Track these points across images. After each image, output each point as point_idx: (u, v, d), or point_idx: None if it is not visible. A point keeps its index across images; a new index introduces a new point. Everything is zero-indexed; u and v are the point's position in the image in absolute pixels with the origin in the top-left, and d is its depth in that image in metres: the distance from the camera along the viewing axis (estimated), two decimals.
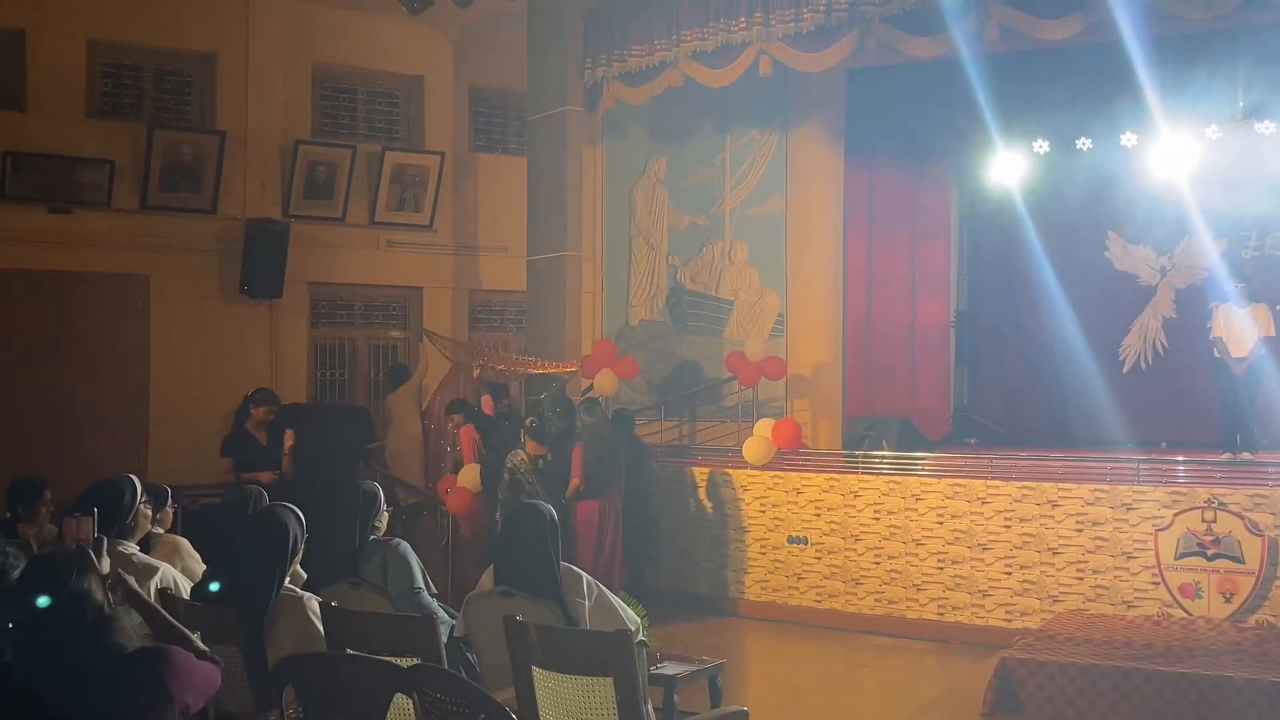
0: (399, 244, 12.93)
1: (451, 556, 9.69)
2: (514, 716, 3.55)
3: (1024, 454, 9.37)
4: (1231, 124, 10.20)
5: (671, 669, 5.44)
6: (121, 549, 4.75)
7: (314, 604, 4.33)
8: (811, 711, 7.20)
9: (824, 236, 11.87)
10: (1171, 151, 10.27)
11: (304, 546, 4.51)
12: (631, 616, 4.60)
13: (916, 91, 11.01)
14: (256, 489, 6.51)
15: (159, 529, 5.75)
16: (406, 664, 3.89)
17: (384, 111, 13.28)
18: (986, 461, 9.03)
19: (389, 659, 3.86)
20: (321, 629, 4.27)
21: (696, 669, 5.59)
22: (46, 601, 2.87)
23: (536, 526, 4.58)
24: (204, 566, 5.37)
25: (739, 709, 4.89)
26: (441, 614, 4.93)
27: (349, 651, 4.15)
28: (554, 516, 4.67)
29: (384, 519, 5.30)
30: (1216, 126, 10.44)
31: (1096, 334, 11.78)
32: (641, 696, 3.95)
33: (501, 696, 3.86)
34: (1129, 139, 11.20)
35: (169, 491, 6.01)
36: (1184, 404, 11.24)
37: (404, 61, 12.97)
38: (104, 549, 3.37)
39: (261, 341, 12.12)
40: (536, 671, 4.03)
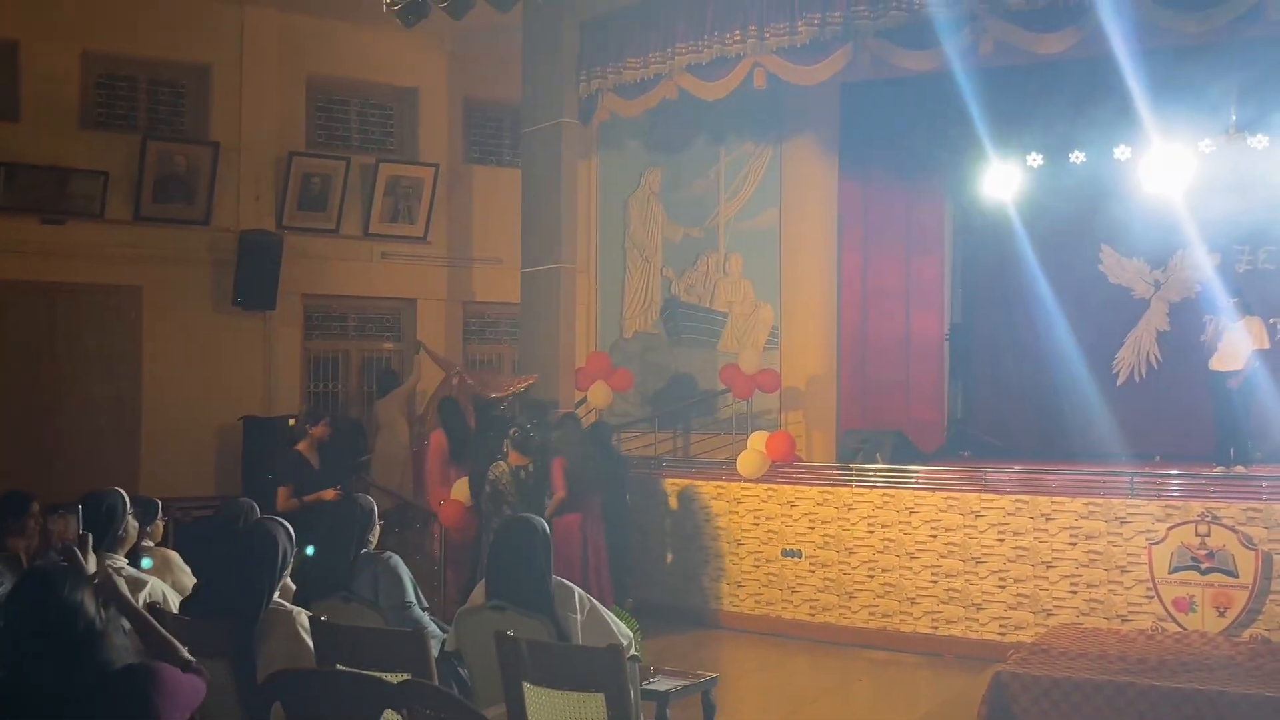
0: (393, 256, 12.90)
1: (442, 568, 9.65)
2: None
3: (1018, 467, 9.35)
4: (1224, 137, 10.25)
5: (664, 684, 5.41)
6: (109, 562, 4.72)
7: (303, 618, 4.30)
8: None
9: (818, 249, 11.90)
10: (1165, 165, 10.31)
11: (297, 560, 4.49)
12: (624, 631, 4.57)
13: (911, 105, 11.05)
14: (248, 502, 6.48)
15: (149, 542, 5.73)
16: (396, 679, 3.86)
17: (378, 123, 13.27)
18: (980, 475, 9.01)
19: (379, 674, 3.83)
20: (311, 644, 4.23)
21: (689, 683, 5.57)
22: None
23: (529, 539, 4.55)
24: (194, 580, 5.35)
25: None
26: (433, 628, 4.90)
27: (339, 667, 4.12)
28: (546, 530, 4.64)
29: (376, 533, 5.28)
30: (1209, 140, 10.48)
31: (1090, 347, 11.80)
32: (634, 712, 3.93)
33: (492, 712, 3.84)
34: (1122, 152, 11.24)
35: (159, 504, 5.99)
36: (1178, 417, 11.27)
37: (398, 73, 12.97)
38: (89, 545, 3.37)
39: (255, 353, 12.08)
40: (528, 687, 4.00)
